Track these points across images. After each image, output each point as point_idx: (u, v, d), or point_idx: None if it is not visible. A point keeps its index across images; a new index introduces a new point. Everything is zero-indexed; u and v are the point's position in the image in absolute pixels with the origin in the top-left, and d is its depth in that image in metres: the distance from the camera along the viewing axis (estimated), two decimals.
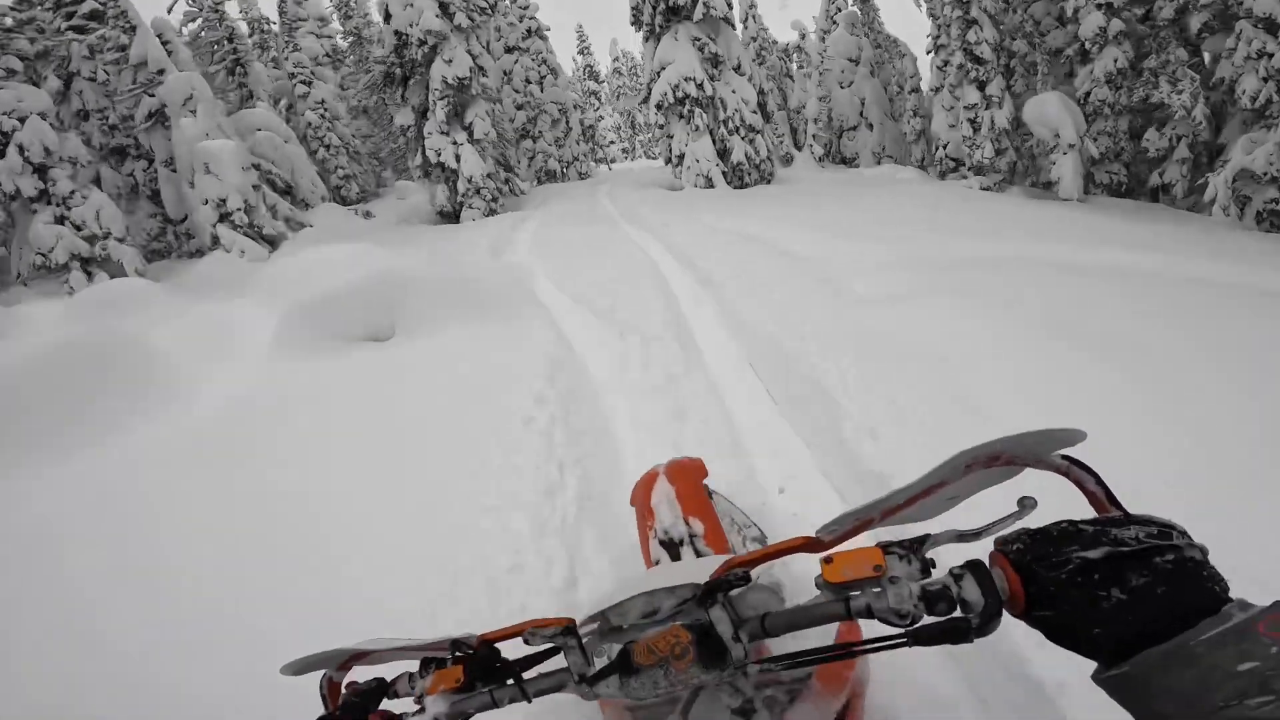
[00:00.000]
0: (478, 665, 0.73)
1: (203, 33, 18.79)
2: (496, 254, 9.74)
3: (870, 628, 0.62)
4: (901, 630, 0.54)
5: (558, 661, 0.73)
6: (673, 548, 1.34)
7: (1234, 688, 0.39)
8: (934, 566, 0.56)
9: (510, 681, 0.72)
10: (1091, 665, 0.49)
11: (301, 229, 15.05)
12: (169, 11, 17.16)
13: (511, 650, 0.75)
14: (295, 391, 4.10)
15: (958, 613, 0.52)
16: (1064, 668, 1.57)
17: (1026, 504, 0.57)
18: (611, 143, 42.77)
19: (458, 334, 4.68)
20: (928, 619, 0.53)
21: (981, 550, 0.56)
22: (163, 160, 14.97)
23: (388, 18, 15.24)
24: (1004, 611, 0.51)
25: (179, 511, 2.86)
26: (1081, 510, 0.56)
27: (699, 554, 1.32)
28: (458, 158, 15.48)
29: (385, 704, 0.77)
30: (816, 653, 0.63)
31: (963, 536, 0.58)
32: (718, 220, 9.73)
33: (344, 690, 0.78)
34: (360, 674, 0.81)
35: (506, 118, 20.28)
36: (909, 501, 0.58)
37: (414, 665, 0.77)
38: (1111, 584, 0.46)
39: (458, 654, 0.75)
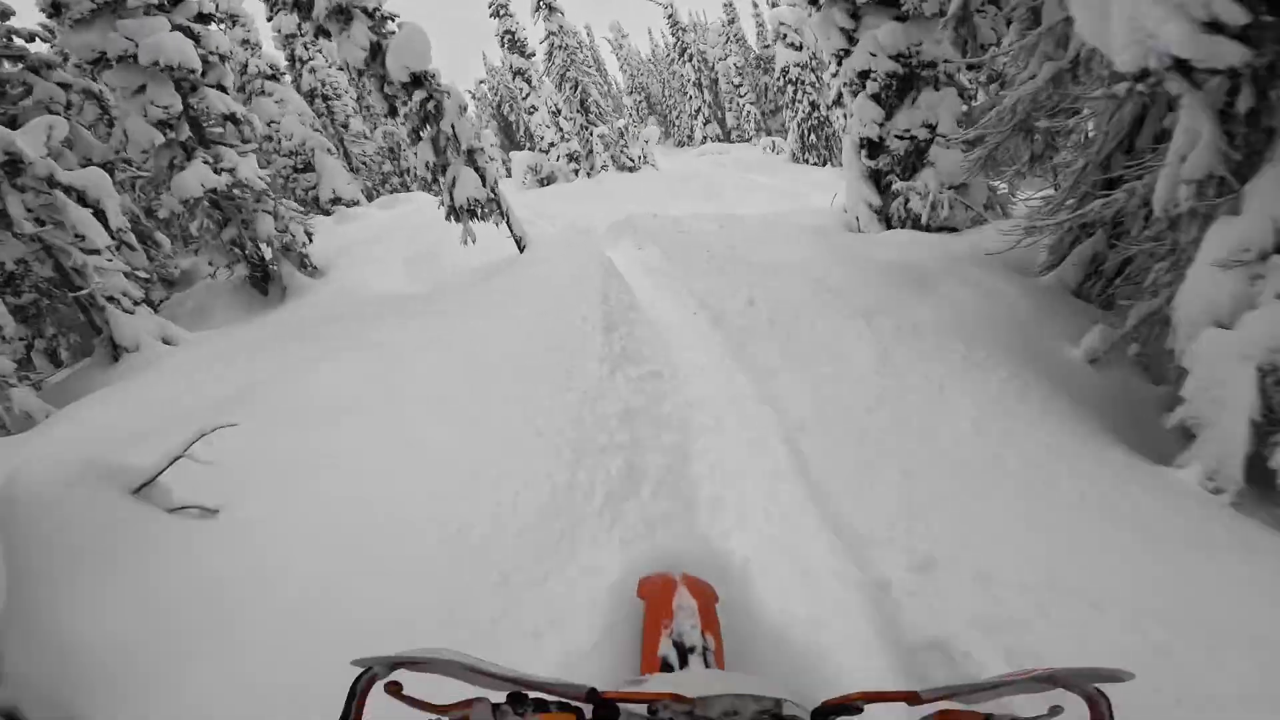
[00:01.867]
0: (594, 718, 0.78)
1: None
2: None
3: None
4: None
5: None
6: (683, 652, 1.56)
7: None
8: None
9: None
10: None
11: None
12: None
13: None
14: None
15: None
16: None
17: (1056, 710, 0.88)
18: (551, 145, 26.26)
19: None
20: None
21: None
22: None
23: None
24: None
25: None
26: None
27: (708, 665, 1.56)
28: None
29: None
30: None
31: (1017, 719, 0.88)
32: None
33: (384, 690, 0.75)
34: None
35: None
36: (987, 688, 0.87)
37: (473, 690, 0.79)
38: None
39: (571, 703, 0.78)
